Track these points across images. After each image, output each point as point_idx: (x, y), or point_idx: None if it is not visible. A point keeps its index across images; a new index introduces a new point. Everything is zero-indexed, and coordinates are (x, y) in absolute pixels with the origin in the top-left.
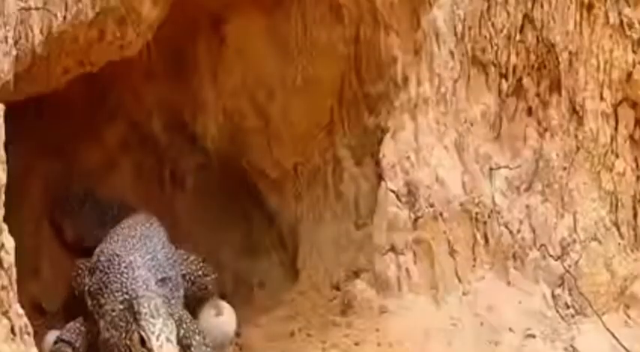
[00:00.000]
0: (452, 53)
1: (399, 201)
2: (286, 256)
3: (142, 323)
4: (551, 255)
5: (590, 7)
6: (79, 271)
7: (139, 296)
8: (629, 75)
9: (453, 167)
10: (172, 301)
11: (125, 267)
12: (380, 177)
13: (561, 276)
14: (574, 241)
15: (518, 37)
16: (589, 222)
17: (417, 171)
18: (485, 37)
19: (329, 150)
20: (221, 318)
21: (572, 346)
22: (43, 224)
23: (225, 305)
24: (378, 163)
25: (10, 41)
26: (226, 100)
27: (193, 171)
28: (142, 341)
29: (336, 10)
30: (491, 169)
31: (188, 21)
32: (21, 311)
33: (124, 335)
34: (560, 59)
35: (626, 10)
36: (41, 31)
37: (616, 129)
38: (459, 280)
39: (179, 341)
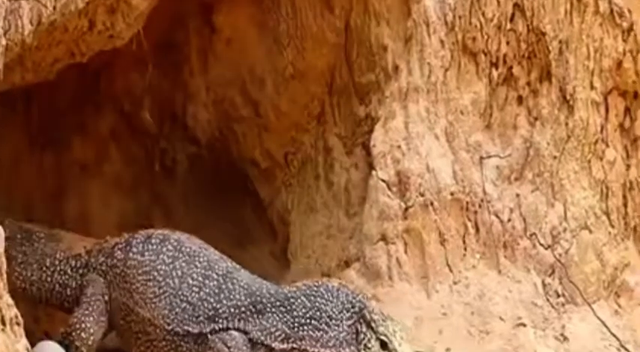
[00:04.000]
0: (442, 42)
1: (390, 190)
2: (277, 246)
3: (380, 329)
4: (541, 244)
5: None
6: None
7: (367, 305)
8: (619, 63)
9: (444, 156)
10: None
11: (337, 290)
12: (371, 167)
13: (552, 265)
14: (564, 230)
15: (508, 26)
16: (579, 210)
17: (407, 161)
18: (476, 26)
19: (319, 139)
20: None
21: (562, 334)
22: (34, 214)
23: None
24: (368, 153)
25: (0, 31)
26: (217, 90)
27: (184, 161)
28: (383, 345)
29: (326, 0)
30: (481, 158)
31: (178, 11)
32: (11, 301)
33: (359, 346)
34: (550, 48)
35: None
36: (31, 21)
37: (606, 117)
38: (450, 269)
39: None
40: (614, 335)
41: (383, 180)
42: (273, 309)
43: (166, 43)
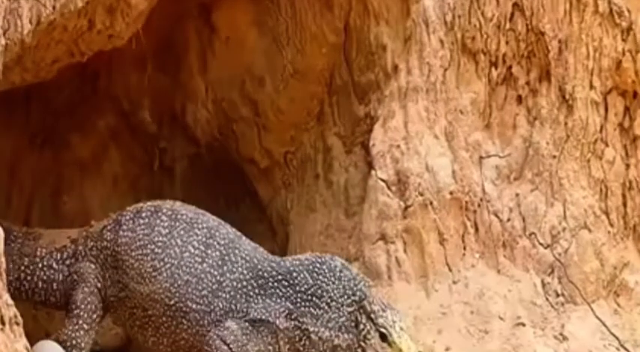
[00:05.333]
0: (442, 42)
1: (389, 189)
2: (276, 245)
3: (380, 320)
4: (541, 244)
5: None
6: None
7: (367, 295)
8: (619, 63)
9: (443, 155)
10: None
11: (340, 271)
12: (370, 166)
13: (551, 265)
14: (564, 229)
15: (507, 26)
16: (579, 210)
17: (406, 160)
18: (475, 25)
19: (319, 139)
20: None
21: (561, 334)
22: (33, 212)
23: None
24: (368, 152)
25: None
26: (216, 90)
27: (183, 161)
28: (383, 337)
29: (325, 0)
30: (481, 158)
31: (178, 10)
32: (11, 301)
33: (359, 337)
34: (549, 47)
35: None
36: (30, 21)
37: (605, 117)
38: (449, 268)
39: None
40: (614, 335)
41: (382, 180)
42: (276, 283)
43: (166, 42)
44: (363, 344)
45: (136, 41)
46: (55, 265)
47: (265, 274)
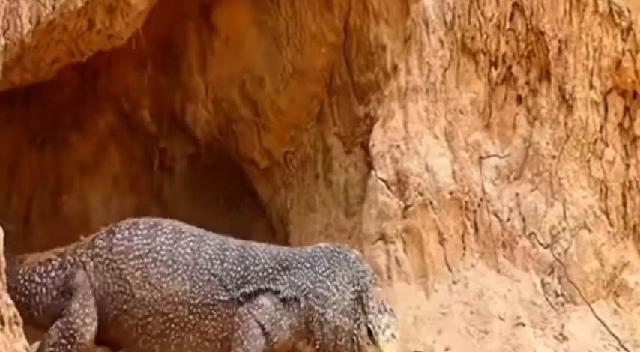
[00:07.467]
0: (441, 42)
1: (389, 189)
2: (276, 244)
3: (370, 317)
4: (540, 244)
5: None
6: None
7: (367, 289)
8: (619, 63)
9: (443, 155)
10: None
11: (353, 262)
12: (370, 166)
13: (551, 265)
14: (563, 229)
15: (507, 26)
16: (578, 210)
17: (406, 160)
18: (475, 25)
19: (319, 139)
20: None
21: (561, 334)
22: (32, 212)
23: None
24: (367, 152)
25: None
26: (216, 89)
27: (183, 160)
28: (370, 333)
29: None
30: (480, 158)
31: (178, 10)
32: (10, 301)
33: (355, 324)
34: (549, 47)
35: None
36: (30, 21)
37: (605, 117)
38: (449, 268)
39: None
40: (613, 335)
41: (382, 180)
42: (299, 265)
43: (166, 42)
44: (355, 331)
45: (136, 41)
46: (37, 279)
47: (289, 258)
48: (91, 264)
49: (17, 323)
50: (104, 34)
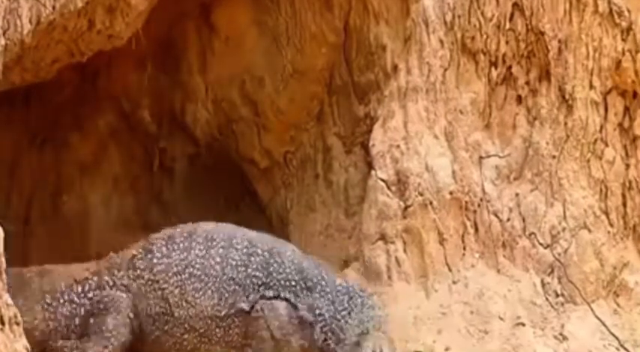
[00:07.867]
0: (441, 42)
1: (389, 189)
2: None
3: None
4: (540, 244)
5: None
6: None
7: (369, 333)
8: (619, 63)
9: (443, 155)
10: None
11: (367, 307)
12: (370, 166)
13: (551, 265)
14: (563, 229)
15: (507, 26)
16: (578, 210)
17: (406, 160)
18: (475, 25)
19: (319, 139)
20: None
21: (561, 334)
22: (32, 212)
23: None
24: (367, 152)
25: None
26: (216, 90)
27: (183, 161)
28: None
29: None
30: (480, 158)
31: (178, 10)
32: (10, 301)
33: None
34: (549, 47)
35: None
36: (30, 21)
37: (605, 117)
38: (449, 268)
39: None
40: (613, 335)
41: (382, 180)
42: (322, 293)
43: (166, 42)
44: None
45: (136, 41)
46: (76, 299)
47: (314, 280)
48: (134, 285)
49: (17, 323)
50: (104, 34)
